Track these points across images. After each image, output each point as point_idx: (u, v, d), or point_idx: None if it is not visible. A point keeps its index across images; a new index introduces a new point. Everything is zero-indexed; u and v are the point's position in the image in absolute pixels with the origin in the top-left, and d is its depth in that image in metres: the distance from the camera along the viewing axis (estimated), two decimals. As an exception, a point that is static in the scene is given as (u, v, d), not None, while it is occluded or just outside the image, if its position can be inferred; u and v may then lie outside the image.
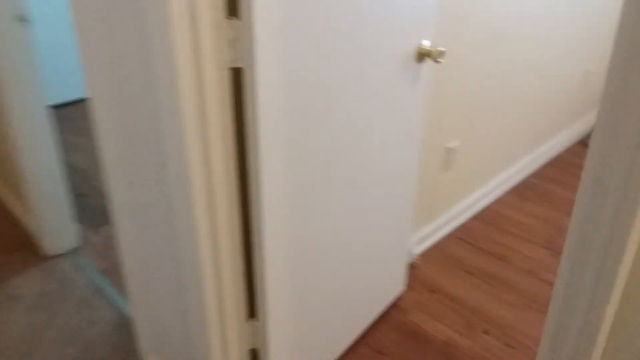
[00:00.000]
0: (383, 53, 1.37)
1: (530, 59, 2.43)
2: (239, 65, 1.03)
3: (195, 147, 1.04)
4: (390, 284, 1.90)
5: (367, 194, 1.54)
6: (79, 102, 3.66)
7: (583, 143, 3.17)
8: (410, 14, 1.43)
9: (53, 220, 2.13)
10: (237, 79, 1.05)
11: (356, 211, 1.52)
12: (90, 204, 2.55)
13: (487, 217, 2.51)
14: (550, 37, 2.50)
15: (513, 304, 2.00)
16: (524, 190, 2.72)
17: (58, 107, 3.57)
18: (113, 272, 2.10)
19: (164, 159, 1.11)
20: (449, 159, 2.19)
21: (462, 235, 2.37)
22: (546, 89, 2.68)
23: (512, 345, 1.82)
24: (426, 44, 1.53)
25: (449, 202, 2.35)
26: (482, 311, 1.96)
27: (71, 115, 3.50)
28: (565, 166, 2.95)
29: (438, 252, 2.27)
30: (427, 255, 2.24)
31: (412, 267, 2.16)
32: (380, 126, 1.48)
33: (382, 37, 1.34)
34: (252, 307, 1.34)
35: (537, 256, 2.26)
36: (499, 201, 2.62)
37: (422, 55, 1.53)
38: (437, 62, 1.52)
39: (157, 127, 1.09)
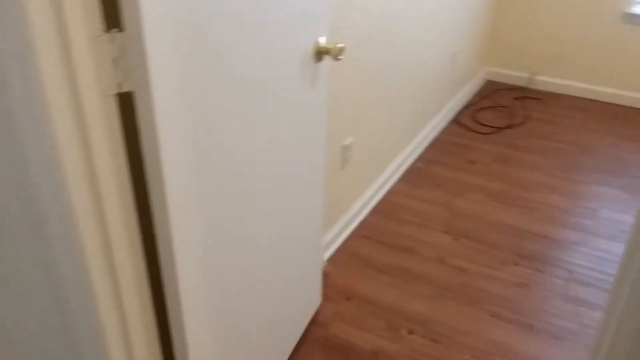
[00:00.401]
0: (281, 56, 1.22)
1: (408, 46, 2.42)
2: (127, 89, 0.81)
3: (83, 200, 0.80)
4: (308, 299, 1.77)
5: (279, 206, 1.38)
6: None
7: (456, 122, 3.29)
8: (305, 12, 1.29)
9: None
10: (128, 107, 0.83)
11: (270, 228, 1.36)
12: None
13: (384, 209, 2.47)
14: (424, 20, 2.51)
15: (428, 296, 1.98)
16: (412, 176, 2.74)
17: None
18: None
19: (40, 213, 0.86)
20: (345, 157, 2.10)
21: (365, 232, 2.31)
22: (422, 74, 2.71)
23: (438, 340, 1.79)
24: (323, 41, 1.40)
25: (348, 200, 2.27)
26: (402, 310, 1.91)
27: None
28: (445, 147, 3.02)
29: (345, 254, 2.18)
30: (335, 260, 2.15)
31: (324, 275, 2.05)
32: (285, 133, 1.33)
33: (278, 39, 1.19)
34: (170, 370, 1.12)
35: (440, 242, 2.27)
36: (392, 191, 2.61)
37: (321, 54, 1.40)
38: (337, 59, 1.39)
39: (24, 176, 0.83)
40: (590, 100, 3.57)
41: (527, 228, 2.36)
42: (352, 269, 2.10)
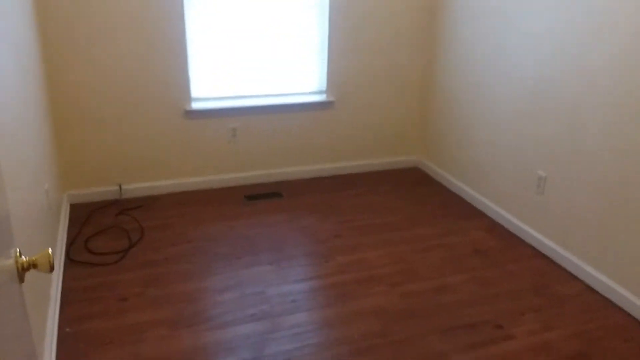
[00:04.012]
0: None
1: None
2: None
3: None
4: None
5: None
6: None
7: (73, 262, 2.85)
8: None
9: None
10: None
11: None
12: None
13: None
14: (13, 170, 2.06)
15: None
16: (71, 347, 2.22)
17: None
18: None
19: None
20: None
21: None
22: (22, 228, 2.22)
23: None
24: (14, 253, 0.97)
25: None
26: None
27: None
28: (81, 295, 2.57)
29: None
30: None
31: None
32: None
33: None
34: None
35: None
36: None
37: (25, 271, 0.96)
38: (51, 269, 0.99)
39: None
40: (186, 192, 3.71)
41: (219, 338, 2.27)
42: None
